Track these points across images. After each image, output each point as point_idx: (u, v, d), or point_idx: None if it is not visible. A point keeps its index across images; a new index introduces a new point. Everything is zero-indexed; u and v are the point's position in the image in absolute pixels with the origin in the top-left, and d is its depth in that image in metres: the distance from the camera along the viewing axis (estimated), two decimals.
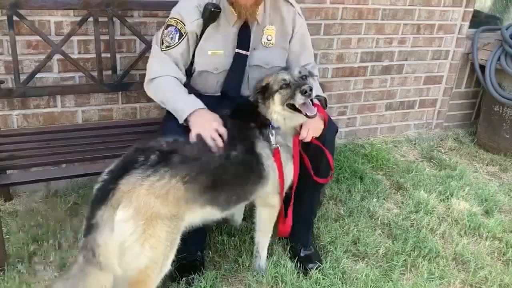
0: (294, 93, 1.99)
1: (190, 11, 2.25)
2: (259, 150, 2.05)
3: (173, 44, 2.25)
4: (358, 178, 3.30)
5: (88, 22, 2.65)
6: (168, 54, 2.26)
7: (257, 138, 2.07)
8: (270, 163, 2.07)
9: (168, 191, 1.77)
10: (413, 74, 4.02)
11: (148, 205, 1.71)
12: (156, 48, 2.30)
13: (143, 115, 3.04)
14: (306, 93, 1.96)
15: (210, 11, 2.21)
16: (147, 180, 1.73)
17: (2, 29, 2.53)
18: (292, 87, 2.02)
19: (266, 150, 2.06)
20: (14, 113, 2.75)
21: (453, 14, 3.95)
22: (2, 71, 2.60)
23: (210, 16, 2.23)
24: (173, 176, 1.79)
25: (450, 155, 3.92)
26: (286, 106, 2.05)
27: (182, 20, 2.24)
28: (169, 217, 1.79)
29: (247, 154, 2.02)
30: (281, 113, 2.08)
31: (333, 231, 2.70)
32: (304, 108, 2.00)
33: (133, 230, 1.69)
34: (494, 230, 2.84)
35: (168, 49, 2.26)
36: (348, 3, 3.45)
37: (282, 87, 2.05)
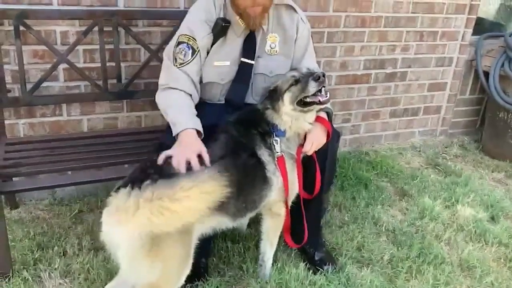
0: (306, 84, 2.00)
1: (200, 26, 2.25)
2: (261, 158, 2.06)
3: (187, 61, 2.25)
4: (362, 185, 3.30)
5: (93, 31, 2.68)
6: (183, 70, 2.26)
7: (258, 145, 2.07)
8: (272, 170, 2.08)
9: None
10: (417, 81, 4.03)
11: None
12: (170, 65, 2.28)
13: (148, 123, 3.07)
14: (320, 79, 1.98)
15: (221, 26, 2.23)
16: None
17: (9, 39, 2.57)
18: (302, 80, 2.03)
19: (267, 157, 2.07)
20: (21, 121, 2.78)
21: (456, 21, 3.96)
22: (9, 80, 2.63)
23: (221, 31, 2.25)
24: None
25: (455, 162, 3.91)
26: (297, 105, 2.05)
27: (193, 36, 2.25)
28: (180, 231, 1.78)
29: (250, 162, 2.03)
30: (291, 113, 2.08)
31: (337, 238, 2.70)
32: (315, 97, 2.01)
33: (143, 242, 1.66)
34: (500, 236, 2.83)
35: (182, 66, 2.25)
36: (351, 11, 3.47)
37: (292, 84, 2.06)
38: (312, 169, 2.25)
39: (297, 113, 2.07)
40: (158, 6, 2.84)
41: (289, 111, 2.07)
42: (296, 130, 2.14)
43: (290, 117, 2.08)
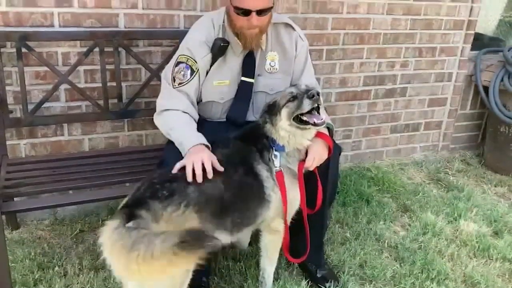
0: (302, 101, 2.00)
1: (199, 46, 2.29)
2: (258, 172, 2.06)
3: (186, 80, 2.29)
4: (364, 201, 3.29)
5: (94, 52, 2.72)
6: (181, 90, 2.29)
7: (256, 160, 2.08)
8: (270, 186, 2.07)
9: (185, 221, 1.78)
10: (417, 97, 4.04)
11: None
12: (168, 86, 2.32)
13: (149, 141, 3.08)
14: (314, 97, 1.98)
15: (220, 46, 2.26)
16: (166, 212, 1.75)
17: (11, 61, 2.61)
18: (299, 97, 2.04)
19: (265, 172, 2.07)
20: (22, 142, 2.80)
21: (455, 37, 3.99)
22: (11, 101, 2.66)
23: (219, 51, 2.28)
24: (187, 206, 1.81)
25: (457, 177, 3.90)
26: (293, 121, 2.06)
27: (192, 57, 2.28)
28: None
29: (247, 176, 2.03)
30: (288, 129, 2.08)
31: (340, 255, 2.68)
32: (311, 117, 2.01)
33: None
34: (504, 251, 2.80)
35: (180, 86, 2.29)
36: (349, 29, 3.50)
37: (290, 100, 2.07)
38: (314, 185, 2.25)
39: (294, 129, 2.07)
40: (158, 26, 2.88)
41: (286, 127, 2.07)
42: (294, 146, 2.13)
43: (288, 133, 2.08)
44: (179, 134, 2.17)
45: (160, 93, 2.39)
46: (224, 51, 2.31)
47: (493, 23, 4.71)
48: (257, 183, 2.06)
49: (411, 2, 3.68)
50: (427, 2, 3.75)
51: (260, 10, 2.13)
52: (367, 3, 3.50)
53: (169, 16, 2.89)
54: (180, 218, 1.78)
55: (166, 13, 2.88)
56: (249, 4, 2.11)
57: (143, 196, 1.80)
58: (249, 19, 2.14)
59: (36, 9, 2.60)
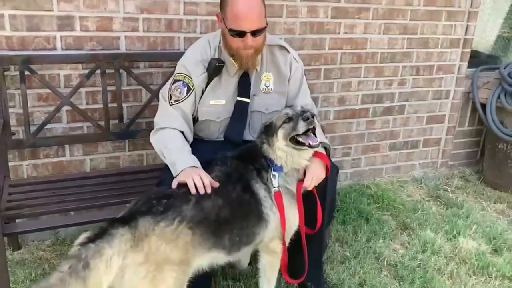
0: (297, 123, 2.03)
1: (195, 65, 2.35)
2: (256, 192, 2.08)
3: (182, 98, 2.34)
4: (364, 219, 3.30)
5: (96, 74, 2.77)
6: (177, 107, 2.34)
7: (254, 180, 2.10)
8: (268, 206, 2.09)
9: (178, 237, 1.81)
10: (415, 114, 4.08)
11: (159, 250, 1.75)
12: (164, 104, 2.38)
13: (150, 161, 3.12)
14: (308, 120, 2.00)
15: (215, 66, 2.31)
16: (158, 226, 1.77)
17: (15, 84, 2.66)
18: (294, 119, 2.07)
19: (263, 192, 2.09)
20: (25, 163, 2.84)
21: (451, 55, 4.05)
22: (14, 123, 2.70)
23: (215, 70, 2.33)
24: (181, 222, 1.83)
25: (456, 194, 3.91)
26: (290, 142, 2.08)
27: (189, 75, 2.34)
28: (178, 263, 1.82)
29: (245, 196, 2.05)
30: (285, 149, 2.10)
31: (339, 274, 2.69)
32: (306, 139, 2.04)
33: (144, 274, 1.72)
34: (503, 269, 2.80)
35: (177, 103, 2.34)
36: (346, 49, 3.56)
37: (285, 122, 2.09)
38: (312, 204, 2.27)
39: (291, 150, 2.09)
40: (159, 48, 2.93)
41: (283, 147, 2.10)
42: (292, 166, 2.15)
43: (285, 153, 2.11)
44: (173, 155, 2.20)
45: (158, 110, 2.45)
46: (219, 71, 2.36)
47: (491, 39, 4.77)
48: (255, 203, 2.08)
49: (407, 21, 3.74)
50: (423, 22, 3.81)
51: (254, 31, 2.19)
52: (363, 24, 3.56)
53: (169, 38, 2.95)
54: (173, 234, 1.80)
55: (166, 35, 2.94)
56: (244, 26, 2.17)
57: (139, 210, 1.82)
58: (244, 40, 2.20)
59: (39, 33, 2.66)
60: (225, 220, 1.98)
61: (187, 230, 1.84)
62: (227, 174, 2.10)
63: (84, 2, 2.70)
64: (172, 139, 2.28)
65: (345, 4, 3.45)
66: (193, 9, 2.97)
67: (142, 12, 2.85)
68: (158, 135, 2.35)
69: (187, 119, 2.38)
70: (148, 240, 1.75)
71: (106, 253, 1.66)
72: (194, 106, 2.40)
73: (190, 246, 1.86)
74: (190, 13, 2.96)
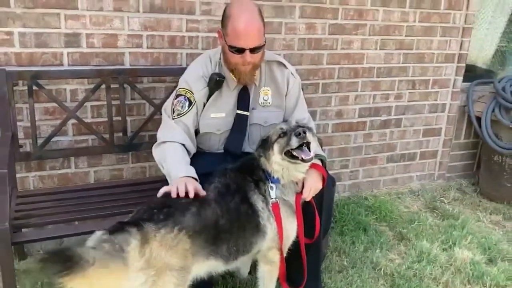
0: (290, 138, 2.11)
1: (197, 80, 2.46)
2: (254, 203, 2.16)
3: (184, 112, 2.44)
4: (361, 229, 3.37)
5: (101, 89, 2.87)
6: (179, 121, 2.44)
7: (252, 191, 2.18)
8: (266, 216, 2.17)
9: (177, 243, 1.88)
10: (412, 127, 4.17)
11: (159, 256, 1.83)
12: (167, 118, 2.49)
13: (152, 173, 3.20)
14: (300, 135, 2.08)
15: (215, 80, 2.42)
16: (159, 233, 1.85)
17: (23, 98, 2.76)
18: (288, 133, 2.16)
19: (261, 203, 2.17)
20: (31, 175, 2.92)
21: (447, 69, 4.15)
22: (22, 136, 2.80)
23: (215, 85, 2.43)
24: (181, 230, 1.91)
25: (453, 205, 3.98)
26: (285, 155, 2.16)
27: (190, 90, 2.45)
28: (177, 269, 1.89)
29: (243, 207, 2.13)
30: (280, 163, 2.18)
31: (337, 283, 2.76)
32: (300, 153, 2.12)
33: (144, 280, 1.79)
34: (497, 278, 2.87)
35: (179, 117, 2.44)
36: (343, 64, 3.67)
37: (280, 136, 2.18)
38: (310, 215, 2.34)
39: (287, 163, 2.18)
40: (162, 64, 3.04)
41: (278, 161, 2.18)
42: (289, 178, 2.24)
43: (281, 166, 2.19)
44: (170, 166, 2.29)
45: (161, 125, 2.54)
46: (219, 85, 2.46)
47: (490, 53, 4.88)
48: (253, 213, 2.15)
49: (403, 37, 3.85)
50: (418, 37, 3.92)
51: (253, 48, 2.29)
52: (360, 39, 3.68)
53: (172, 54, 3.06)
54: (173, 241, 1.87)
55: (169, 51, 3.05)
56: (243, 43, 2.27)
57: (141, 218, 1.90)
58: (243, 56, 2.30)
59: (47, 49, 2.77)
60: (223, 230, 2.05)
61: (187, 238, 1.91)
62: (227, 185, 2.18)
63: (91, 19, 2.82)
64: (172, 152, 2.37)
65: (342, 21, 3.57)
66: (195, 27, 3.08)
67: (146, 29, 2.96)
68: (159, 149, 2.45)
69: (189, 133, 2.47)
70: (149, 246, 1.82)
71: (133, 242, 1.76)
72: (196, 119, 2.50)
73: (189, 254, 1.93)
74: (192, 30, 3.08)
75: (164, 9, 2.97)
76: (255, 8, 2.34)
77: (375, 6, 3.65)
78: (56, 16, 2.74)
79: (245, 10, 2.30)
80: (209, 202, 2.08)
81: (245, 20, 2.26)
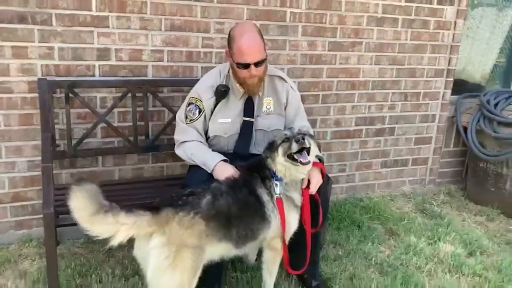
0: (291, 143, 2.47)
1: (206, 91, 2.86)
2: (260, 196, 2.51)
3: (195, 118, 2.86)
4: (356, 226, 3.74)
5: (127, 97, 3.27)
6: (192, 126, 2.86)
7: (259, 186, 2.52)
8: (270, 208, 2.51)
9: (193, 225, 2.26)
10: (404, 136, 4.56)
11: (178, 235, 2.20)
12: (181, 124, 2.90)
13: (169, 172, 3.60)
14: (299, 141, 2.43)
15: (221, 91, 2.82)
16: (178, 215, 2.23)
17: (60, 104, 3.17)
18: (290, 139, 2.48)
19: (266, 196, 2.51)
20: (64, 172, 3.33)
21: (436, 83, 4.55)
22: (58, 137, 3.20)
23: (221, 94, 2.84)
24: (196, 214, 2.27)
25: (441, 207, 4.35)
26: (287, 158, 2.50)
27: (200, 99, 2.85)
28: (194, 247, 2.25)
29: (251, 198, 2.48)
30: (284, 164, 2.52)
31: (332, 269, 3.12)
32: (299, 156, 2.47)
33: (167, 254, 2.16)
34: (475, 268, 3.23)
35: (191, 122, 2.86)
36: (341, 77, 4.07)
37: (284, 141, 2.53)
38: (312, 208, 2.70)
39: (289, 165, 2.51)
40: (180, 76, 3.46)
41: (282, 162, 2.52)
42: (291, 178, 2.57)
43: (284, 167, 2.53)
44: (201, 157, 2.73)
45: (176, 130, 2.96)
46: (224, 95, 2.86)
47: (488, 67, 5.27)
48: (259, 204, 2.51)
49: (395, 54, 4.26)
50: (410, 54, 4.33)
51: (257, 62, 2.69)
52: (357, 55, 4.08)
53: (189, 67, 3.48)
54: (189, 222, 2.22)
55: (186, 65, 3.47)
56: (248, 59, 2.67)
57: (162, 203, 2.27)
58: (250, 70, 2.70)
59: (82, 62, 3.19)
60: (233, 216, 2.40)
61: (202, 221, 2.26)
62: (237, 180, 2.56)
63: (119, 37, 3.24)
64: (197, 147, 2.81)
65: (341, 39, 3.98)
66: (209, 43, 3.50)
67: (167, 46, 3.38)
68: (182, 147, 2.86)
69: (201, 134, 2.89)
70: (169, 226, 2.18)
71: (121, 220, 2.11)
72: (205, 124, 2.90)
73: (204, 234, 2.27)
74: (206, 46, 3.50)
75: (183, 28, 3.39)
76: (254, 28, 2.76)
77: (370, 26, 4.06)
78: (90, 33, 3.17)
79: (246, 31, 2.71)
80: (221, 192, 2.44)
81: (247, 39, 2.67)
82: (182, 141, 2.87)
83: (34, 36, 3.04)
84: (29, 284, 2.82)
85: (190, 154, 2.79)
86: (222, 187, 2.48)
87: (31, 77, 3.08)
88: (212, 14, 3.45)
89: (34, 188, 3.28)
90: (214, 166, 2.65)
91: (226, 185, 2.49)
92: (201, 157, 2.75)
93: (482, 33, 4.96)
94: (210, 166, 2.67)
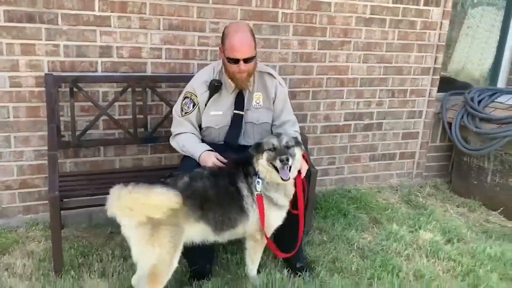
0: (275, 158, 2.59)
1: (200, 86, 3.09)
2: (241, 189, 2.69)
3: (189, 111, 3.10)
4: (342, 214, 3.96)
5: (127, 91, 3.51)
6: (186, 118, 3.11)
7: (241, 180, 2.71)
8: (250, 202, 2.69)
9: None
10: (392, 131, 4.77)
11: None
12: (177, 117, 3.14)
13: (167, 162, 3.85)
14: (283, 162, 2.58)
15: (214, 85, 3.06)
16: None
17: (64, 98, 3.41)
18: (276, 152, 2.62)
19: (246, 190, 2.69)
20: (68, 161, 3.58)
21: (423, 81, 4.75)
22: (63, 129, 3.44)
23: (214, 89, 3.07)
24: None
25: (426, 199, 4.56)
26: (270, 163, 2.64)
27: (194, 93, 3.09)
28: (170, 225, 2.43)
29: (230, 188, 2.67)
30: (265, 167, 2.66)
31: (316, 252, 3.35)
32: (281, 171, 2.61)
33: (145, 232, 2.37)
34: (450, 253, 3.45)
35: (186, 115, 3.11)
36: (331, 74, 4.29)
37: (270, 149, 2.65)
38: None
39: (271, 169, 2.64)
40: (177, 72, 3.70)
41: (265, 165, 2.65)
42: (270, 180, 2.69)
43: (265, 169, 2.66)
44: (190, 148, 3.00)
45: (172, 122, 3.20)
46: (217, 89, 3.09)
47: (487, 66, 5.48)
48: (238, 195, 2.68)
49: (383, 52, 4.47)
50: (397, 53, 4.54)
51: (246, 59, 2.92)
52: (346, 54, 4.31)
53: (186, 64, 3.72)
54: None
55: (183, 62, 3.71)
56: (238, 55, 2.90)
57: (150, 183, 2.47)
58: (239, 66, 2.93)
59: (85, 58, 3.43)
60: (210, 199, 2.57)
61: None
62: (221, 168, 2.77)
63: (120, 35, 3.48)
64: (187, 139, 3.06)
65: (330, 38, 4.20)
66: (205, 42, 3.73)
67: (165, 44, 3.62)
68: (176, 139, 3.12)
69: (195, 126, 3.14)
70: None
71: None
72: (199, 116, 3.13)
73: (180, 212, 2.42)
74: (202, 44, 3.73)
75: (180, 27, 3.63)
76: (247, 28, 3.00)
77: (358, 26, 4.28)
78: (93, 32, 3.40)
79: (239, 30, 2.95)
80: (202, 176, 2.64)
81: (239, 37, 2.90)
82: (177, 133, 3.12)
83: (41, 34, 3.28)
84: (36, 262, 3.07)
85: (182, 145, 3.06)
86: (204, 173, 2.68)
87: (38, 73, 3.33)
88: (207, 14, 3.68)
89: (40, 176, 3.52)
90: (199, 155, 2.91)
91: (209, 172, 2.69)
92: (190, 148, 3.01)
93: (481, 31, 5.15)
94: (196, 156, 2.93)
